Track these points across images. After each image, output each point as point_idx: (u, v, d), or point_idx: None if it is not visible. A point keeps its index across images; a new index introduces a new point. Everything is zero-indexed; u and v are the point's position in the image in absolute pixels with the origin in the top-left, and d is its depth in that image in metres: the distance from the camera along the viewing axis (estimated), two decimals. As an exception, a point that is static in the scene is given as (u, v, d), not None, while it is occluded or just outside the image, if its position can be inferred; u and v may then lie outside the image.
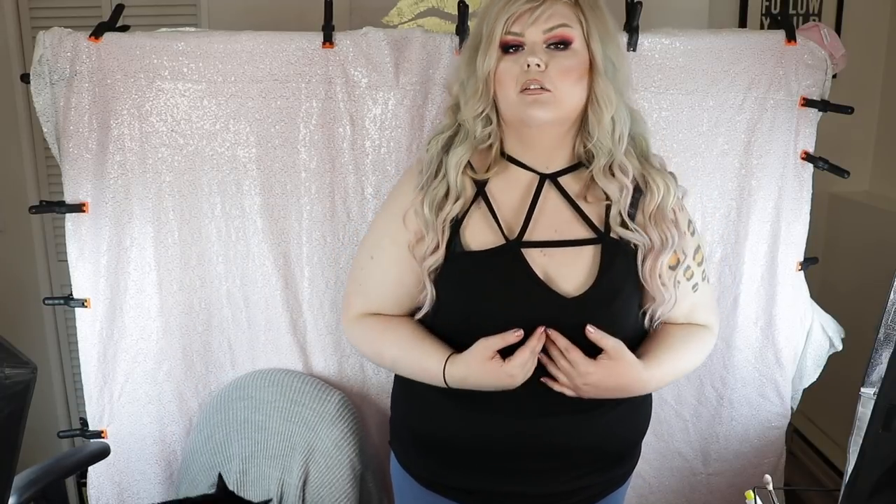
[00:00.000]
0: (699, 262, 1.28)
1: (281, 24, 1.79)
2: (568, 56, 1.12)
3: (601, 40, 1.14)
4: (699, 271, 1.28)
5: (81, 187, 1.72)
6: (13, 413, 0.86)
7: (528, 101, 1.12)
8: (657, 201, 1.19)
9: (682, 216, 1.25)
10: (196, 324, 1.83)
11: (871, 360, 0.87)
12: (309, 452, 1.72)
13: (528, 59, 1.11)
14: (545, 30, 1.12)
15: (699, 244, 1.28)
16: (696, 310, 1.31)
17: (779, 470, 1.96)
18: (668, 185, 1.20)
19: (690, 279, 1.27)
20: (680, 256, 1.22)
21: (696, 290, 1.28)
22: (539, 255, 1.18)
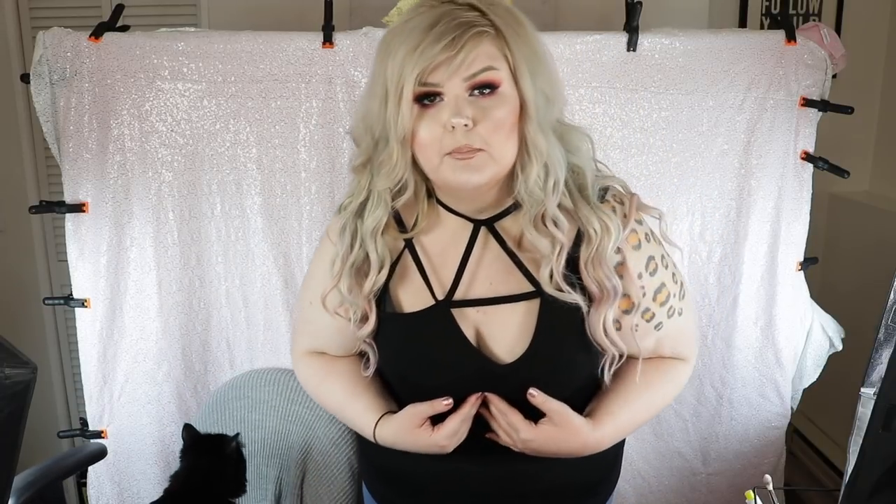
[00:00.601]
0: (662, 302, 1.08)
1: (281, 24, 1.79)
2: (496, 104, 0.93)
3: (531, 74, 0.95)
4: (663, 311, 1.09)
5: (81, 187, 1.72)
6: (13, 413, 0.85)
7: (457, 166, 0.94)
8: (594, 247, 1.01)
9: (633, 256, 1.05)
10: (195, 324, 1.83)
11: (871, 360, 0.87)
12: (307, 451, 1.72)
13: (453, 120, 0.91)
14: (466, 77, 0.92)
15: (663, 282, 1.08)
16: (663, 345, 1.14)
17: (779, 470, 1.96)
18: (607, 225, 1.01)
19: (651, 321, 1.09)
20: (634, 300, 1.05)
21: (661, 328, 1.10)
22: (473, 313, 1.05)
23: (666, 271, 1.09)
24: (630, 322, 1.07)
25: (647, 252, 1.06)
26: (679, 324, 1.13)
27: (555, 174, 0.98)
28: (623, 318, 1.06)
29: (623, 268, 1.04)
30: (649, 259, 1.06)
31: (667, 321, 1.10)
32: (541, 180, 0.98)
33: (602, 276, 1.01)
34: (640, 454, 1.93)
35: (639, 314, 1.07)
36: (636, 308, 1.06)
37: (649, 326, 1.09)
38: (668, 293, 1.09)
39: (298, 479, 1.71)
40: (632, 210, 1.04)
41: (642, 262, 1.06)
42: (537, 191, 0.98)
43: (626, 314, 1.06)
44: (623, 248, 1.04)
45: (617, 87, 1.72)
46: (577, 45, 1.70)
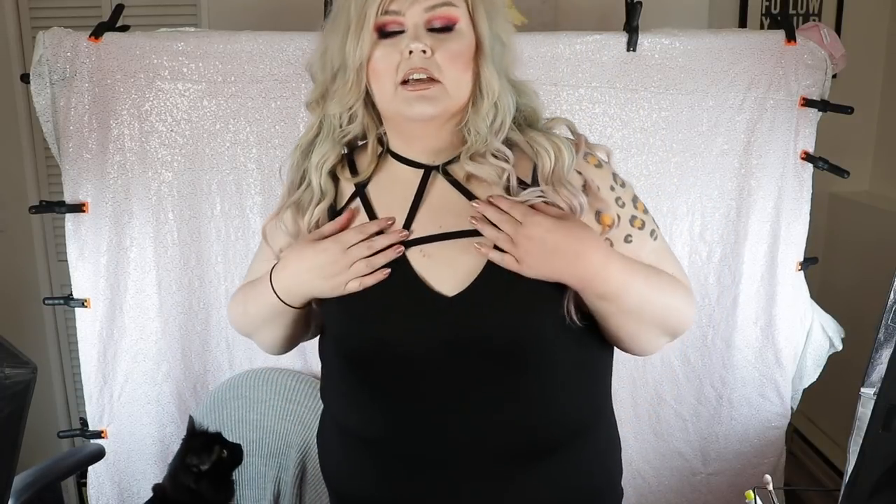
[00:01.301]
0: (644, 210, 1.05)
1: (281, 24, 1.79)
2: (454, 38, 0.95)
3: (487, 16, 0.97)
4: (648, 218, 1.04)
5: (81, 187, 1.72)
6: (13, 413, 0.85)
7: (410, 97, 0.94)
8: (550, 166, 0.97)
9: (598, 173, 1.02)
10: (195, 324, 1.83)
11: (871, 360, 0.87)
12: (305, 451, 1.72)
13: (412, 45, 0.92)
14: (426, 8, 0.93)
15: (633, 194, 1.06)
16: (661, 261, 1.04)
17: (779, 470, 1.96)
18: (558, 145, 0.98)
19: (643, 227, 1.03)
20: (613, 213, 1.00)
21: (656, 236, 1.05)
22: (417, 255, 0.98)
23: (630, 187, 1.06)
24: (620, 235, 1.01)
25: (608, 169, 1.04)
26: (664, 242, 1.08)
27: (503, 114, 0.98)
28: (611, 235, 1.00)
29: (589, 188, 0.99)
30: (614, 175, 1.04)
31: (657, 231, 1.06)
32: (488, 118, 0.97)
33: (565, 193, 0.96)
34: (640, 454, 1.93)
35: (626, 222, 1.01)
36: (618, 221, 1.00)
37: (644, 234, 1.03)
38: (644, 206, 1.06)
39: (297, 479, 1.71)
40: (581, 141, 1.03)
41: (608, 177, 1.03)
42: (483, 128, 0.97)
43: (612, 230, 1.00)
44: (584, 170, 1.00)
45: (617, 87, 1.72)
46: (576, 45, 1.70)
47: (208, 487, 1.51)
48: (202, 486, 1.50)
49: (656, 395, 1.90)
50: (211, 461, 1.51)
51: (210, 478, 1.51)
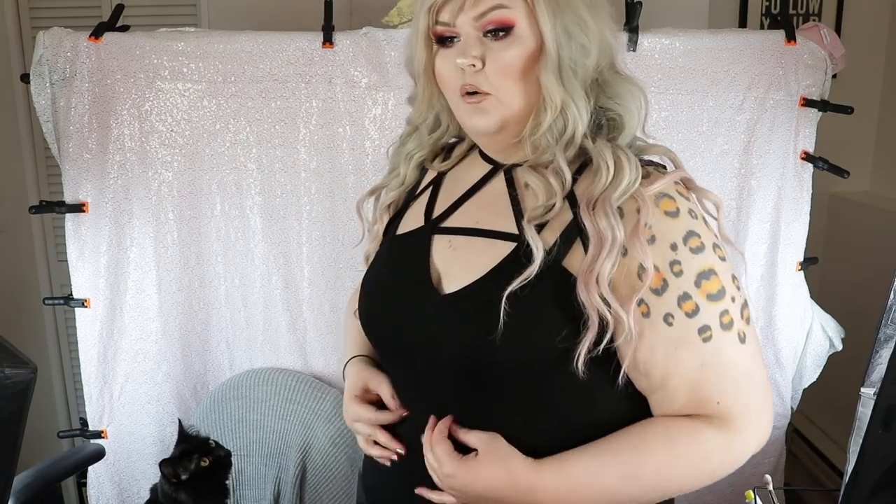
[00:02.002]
0: (710, 295, 0.82)
1: (281, 24, 1.80)
2: (508, 46, 0.86)
3: (553, 13, 0.85)
4: (712, 309, 0.81)
5: (81, 187, 1.72)
6: (13, 413, 0.86)
7: (470, 110, 0.90)
8: (598, 182, 0.85)
9: (666, 223, 0.83)
10: (195, 324, 1.83)
11: (871, 360, 0.87)
12: (305, 450, 1.72)
13: (458, 60, 0.88)
14: (475, 16, 0.87)
15: (714, 270, 0.83)
16: (705, 380, 0.82)
17: (779, 470, 1.95)
18: (621, 162, 0.85)
19: (693, 315, 0.81)
20: (665, 275, 0.81)
21: (709, 338, 0.81)
22: (445, 244, 0.95)
23: (721, 264, 0.84)
24: (660, 310, 0.81)
25: (687, 225, 0.83)
26: (739, 355, 0.83)
27: (573, 127, 0.88)
28: (652, 299, 0.81)
29: (645, 231, 0.82)
30: (690, 234, 0.83)
31: (720, 334, 0.81)
32: (555, 131, 0.88)
33: (604, 220, 0.82)
34: None
35: (673, 298, 0.81)
36: (663, 288, 0.81)
37: (690, 326, 0.81)
38: (723, 288, 0.82)
39: (297, 479, 1.71)
40: (671, 176, 0.86)
41: (679, 233, 0.82)
42: (546, 140, 0.89)
43: (657, 295, 0.81)
44: (647, 209, 0.82)
45: (617, 87, 1.72)
46: (577, 45, 1.70)
47: (189, 497, 1.46)
48: (181, 496, 1.46)
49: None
50: (189, 471, 1.46)
51: (193, 486, 1.47)
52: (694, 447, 0.83)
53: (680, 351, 0.82)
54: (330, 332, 1.83)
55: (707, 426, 0.83)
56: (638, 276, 0.82)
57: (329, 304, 1.81)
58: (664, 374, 0.83)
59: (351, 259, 1.78)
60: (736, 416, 0.83)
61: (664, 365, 0.83)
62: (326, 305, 1.81)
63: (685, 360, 0.82)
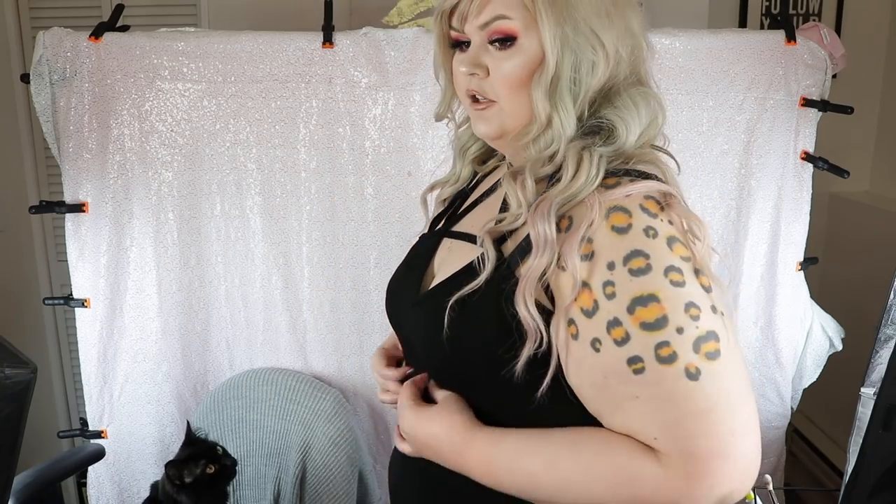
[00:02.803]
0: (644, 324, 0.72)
1: (281, 24, 1.80)
2: (510, 56, 0.85)
3: (556, 24, 0.81)
4: (646, 340, 0.71)
5: (81, 187, 1.72)
6: (13, 413, 0.86)
7: (476, 116, 0.91)
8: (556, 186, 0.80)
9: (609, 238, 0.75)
10: (195, 324, 1.83)
11: (871, 360, 0.87)
12: (305, 450, 1.72)
13: (461, 67, 0.88)
14: (480, 26, 0.86)
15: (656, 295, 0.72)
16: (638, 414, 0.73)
17: (779, 470, 1.95)
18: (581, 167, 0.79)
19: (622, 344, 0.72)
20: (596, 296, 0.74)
21: (641, 370, 0.72)
22: (446, 247, 0.97)
23: (671, 290, 0.72)
24: (588, 334, 0.75)
25: (634, 244, 0.74)
26: (683, 393, 0.70)
27: (555, 145, 0.83)
28: (581, 321, 0.75)
29: (585, 246, 0.75)
30: (634, 253, 0.73)
31: (655, 367, 0.71)
32: (540, 144, 0.85)
33: (537, 218, 0.78)
34: None
35: (603, 324, 0.73)
36: (595, 310, 0.74)
37: (619, 355, 0.72)
38: (664, 317, 0.71)
39: (297, 479, 1.71)
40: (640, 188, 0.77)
41: (622, 251, 0.74)
42: (529, 151, 0.87)
43: (587, 317, 0.75)
44: (592, 222, 0.76)
45: (617, 87, 1.72)
46: (577, 45, 1.70)
47: (189, 501, 1.47)
48: (182, 498, 1.47)
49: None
50: (194, 475, 1.47)
51: (196, 490, 1.47)
52: (629, 464, 0.73)
53: (608, 379, 0.74)
54: (330, 332, 1.83)
55: (651, 454, 0.73)
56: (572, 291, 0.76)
57: (329, 304, 1.81)
58: (595, 399, 0.77)
59: (351, 259, 1.78)
60: (676, 459, 0.71)
61: (594, 391, 0.76)
62: (326, 305, 1.81)
63: (616, 390, 0.74)
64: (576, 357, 0.76)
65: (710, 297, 0.74)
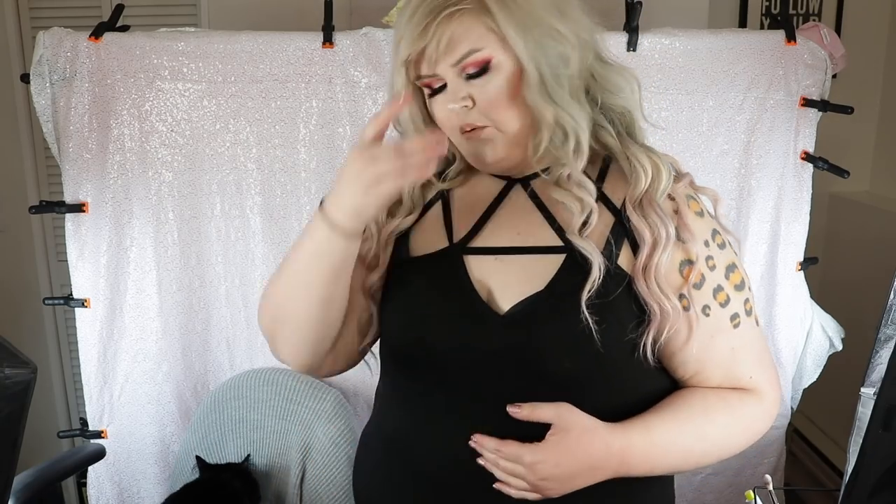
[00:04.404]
0: (736, 286, 0.93)
1: (281, 24, 1.79)
2: (490, 79, 0.89)
3: (524, 37, 0.87)
4: (739, 298, 0.93)
5: (81, 187, 1.72)
6: (13, 413, 0.85)
7: (472, 144, 0.93)
8: (643, 187, 0.91)
9: (697, 221, 0.93)
10: (195, 324, 1.83)
11: (871, 360, 0.87)
12: (306, 450, 1.72)
13: (449, 106, 0.90)
14: (453, 63, 0.89)
15: (734, 264, 0.94)
16: (737, 361, 0.93)
17: (779, 470, 1.95)
18: (658, 164, 0.92)
19: (725, 305, 0.92)
20: (703, 270, 0.91)
21: (739, 325, 0.93)
22: (491, 261, 0.95)
23: (736, 258, 0.95)
24: (700, 301, 0.91)
25: (711, 225, 0.94)
26: (756, 334, 0.96)
27: (574, 136, 0.90)
28: (692, 293, 0.90)
29: (682, 222, 0.91)
30: (714, 232, 0.94)
31: (745, 319, 0.93)
32: (556, 142, 0.90)
33: (655, 217, 0.90)
34: None
35: (710, 290, 0.91)
36: (703, 282, 0.91)
37: (724, 315, 0.92)
38: (743, 279, 0.94)
39: (298, 479, 1.71)
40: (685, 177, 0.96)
41: (707, 231, 0.93)
42: (550, 155, 0.92)
43: (696, 289, 0.91)
44: (682, 209, 0.92)
45: (617, 87, 1.72)
46: (577, 45, 1.70)
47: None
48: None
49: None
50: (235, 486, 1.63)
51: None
52: (747, 412, 0.94)
53: (715, 338, 0.92)
54: (330, 332, 1.82)
55: (748, 395, 0.94)
56: (679, 272, 0.91)
57: (329, 304, 1.80)
58: (700, 360, 0.93)
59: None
60: (765, 385, 0.95)
61: (701, 352, 0.92)
62: (326, 305, 1.81)
63: (719, 346, 0.93)
64: (686, 325, 0.90)
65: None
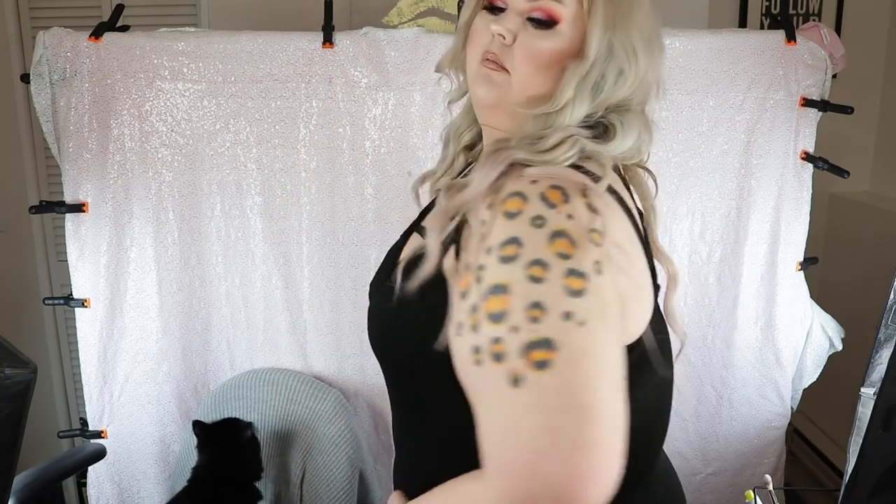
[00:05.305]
0: (492, 315, 0.66)
1: (281, 24, 1.80)
2: (545, 37, 0.83)
3: (607, 26, 0.82)
4: (488, 331, 0.66)
5: (81, 187, 1.72)
6: (13, 413, 0.86)
7: (481, 74, 0.86)
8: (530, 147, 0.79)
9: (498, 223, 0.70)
10: (195, 323, 1.83)
11: (871, 360, 0.87)
12: (306, 450, 1.72)
13: (492, 27, 0.84)
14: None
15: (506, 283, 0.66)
16: (476, 411, 0.68)
17: (779, 470, 1.96)
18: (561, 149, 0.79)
19: (475, 330, 0.67)
20: (471, 279, 0.69)
21: (479, 363, 0.67)
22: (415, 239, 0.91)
23: (527, 286, 0.65)
24: (458, 316, 0.70)
25: (515, 231, 0.68)
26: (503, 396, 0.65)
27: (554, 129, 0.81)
28: (457, 303, 0.71)
29: (481, 227, 0.71)
30: (511, 240, 0.67)
31: (488, 364, 0.66)
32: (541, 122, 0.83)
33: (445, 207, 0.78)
34: (640, 454, 1.93)
35: (468, 308, 0.68)
36: (467, 294, 0.69)
37: (470, 341, 0.68)
38: (505, 312, 0.65)
39: (298, 479, 1.71)
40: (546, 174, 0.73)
41: (502, 236, 0.68)
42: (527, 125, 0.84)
43: (461, 299, 0.70)
44: (492, 205, 0.71)
45: (617, 87, 1.72)
46: (577, 45, 1.70)
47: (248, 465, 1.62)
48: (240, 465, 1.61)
49: (656, 395, 1.90)
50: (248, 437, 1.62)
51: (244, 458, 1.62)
52: (457, 486, 0.73)
53: (464, 367, 0.70)
54: (330, 332, 1.83)
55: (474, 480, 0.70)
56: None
57: (329, 304, 1.81)
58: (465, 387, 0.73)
59: (351, 259, 1.78)
60: (489, 466, 0.66)
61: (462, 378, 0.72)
62: (326, 305, 1.81)
63: (466, 379, 0.71)
64: (451, 341, 0.72)
65: (572, 301, 0.65)
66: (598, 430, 0.63)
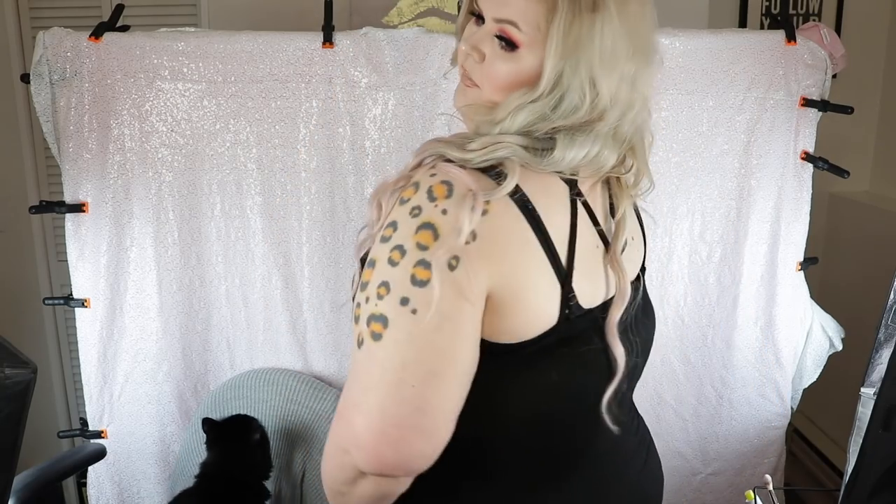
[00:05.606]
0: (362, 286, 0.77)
1: (281, 24, 1.80)
2: (506, 59, 0.84)
3: (560, 56, 0.81)
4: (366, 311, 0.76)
5: (81, 187, 1.72)
6: (13, 413, 0.86)
7: (459, 85, 0.91)
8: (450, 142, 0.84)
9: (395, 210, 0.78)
10: (195, 323, 1.83)
11: (871, 360, 0.87)
12: (306, 450, 1.72)
13: (461, 44, 0.88)
14: (496, 18, 0.85)
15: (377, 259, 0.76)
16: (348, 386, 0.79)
17: (779, 470, 1.96)
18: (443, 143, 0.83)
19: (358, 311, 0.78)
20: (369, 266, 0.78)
21: (361, 344, 0.76)
22: None
23: (386, 268, 0.75)
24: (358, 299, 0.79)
25: (397, 216, 0.76)
26: (354, 354, 0.77)
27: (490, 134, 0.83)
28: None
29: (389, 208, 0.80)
30: (391, 223, 0.76)
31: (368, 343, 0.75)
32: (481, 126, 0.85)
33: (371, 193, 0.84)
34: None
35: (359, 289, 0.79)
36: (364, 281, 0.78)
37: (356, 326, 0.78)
38: (367, 283, 0.76)
39: (298, 479, 1.71)
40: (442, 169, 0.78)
41: (389, 218, 0.78)
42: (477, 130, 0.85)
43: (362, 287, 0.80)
44: (398, 192, 0.79)
45: (617, 87, 1.72)
46: (577, 45, 1.70)
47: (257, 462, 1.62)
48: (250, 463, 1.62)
49: (656, 395, 1.90)
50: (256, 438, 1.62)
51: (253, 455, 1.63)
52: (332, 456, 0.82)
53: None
54: (330, 332, 1.83)
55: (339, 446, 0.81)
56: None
57: (329, 304, 1.81)
58: None
59: (351, 259, 1.78)
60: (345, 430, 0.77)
61: None
62: (326, 305, 1.81)
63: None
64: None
65: (413, 290, 0.73)
66: (391, 404, 0.73)
